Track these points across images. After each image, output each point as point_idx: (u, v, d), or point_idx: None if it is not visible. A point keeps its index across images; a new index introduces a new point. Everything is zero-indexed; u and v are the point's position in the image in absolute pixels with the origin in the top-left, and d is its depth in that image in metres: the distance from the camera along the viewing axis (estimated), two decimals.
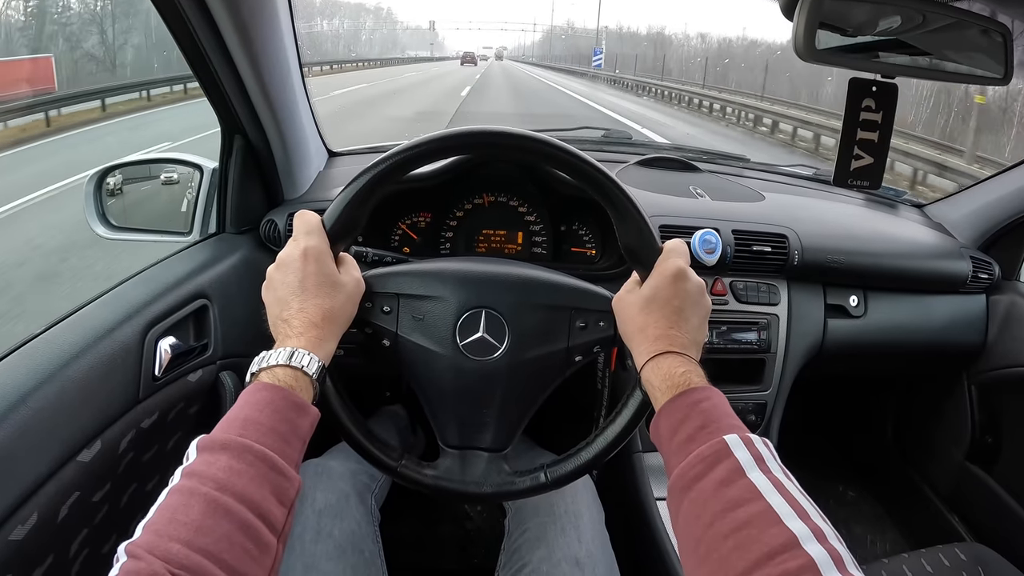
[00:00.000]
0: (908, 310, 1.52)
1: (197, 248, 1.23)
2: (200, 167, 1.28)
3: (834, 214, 1.60)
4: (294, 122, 1.27)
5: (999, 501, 1.60)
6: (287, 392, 0.66)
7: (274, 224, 1.29)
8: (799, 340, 1.42)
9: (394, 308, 0.83)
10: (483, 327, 0.82)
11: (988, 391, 1.65)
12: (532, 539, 1.00)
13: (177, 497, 0.56)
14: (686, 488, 0.61)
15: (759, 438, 0.63)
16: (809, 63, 0.82)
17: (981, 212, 1.62)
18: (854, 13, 0.85)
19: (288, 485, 0.61)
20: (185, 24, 0.99)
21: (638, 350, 0.76)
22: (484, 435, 0.85)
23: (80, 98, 12.73)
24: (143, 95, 14.90)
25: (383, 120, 13.50)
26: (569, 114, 16.31)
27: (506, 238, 1.44)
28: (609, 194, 0.80)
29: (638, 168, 1.66)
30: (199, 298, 1.11)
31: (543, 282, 0.86)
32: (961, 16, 0.83)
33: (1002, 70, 0.87)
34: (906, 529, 1.91)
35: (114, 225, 1.28)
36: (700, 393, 0.69)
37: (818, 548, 0.51)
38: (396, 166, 0.79)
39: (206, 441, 0.61)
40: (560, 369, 0.85)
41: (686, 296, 0.76)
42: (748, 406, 1.40)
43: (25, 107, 11.34)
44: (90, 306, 0.98)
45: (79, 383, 0.85)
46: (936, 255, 1.54)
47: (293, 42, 1.18)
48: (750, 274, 1.40)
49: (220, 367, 1.15)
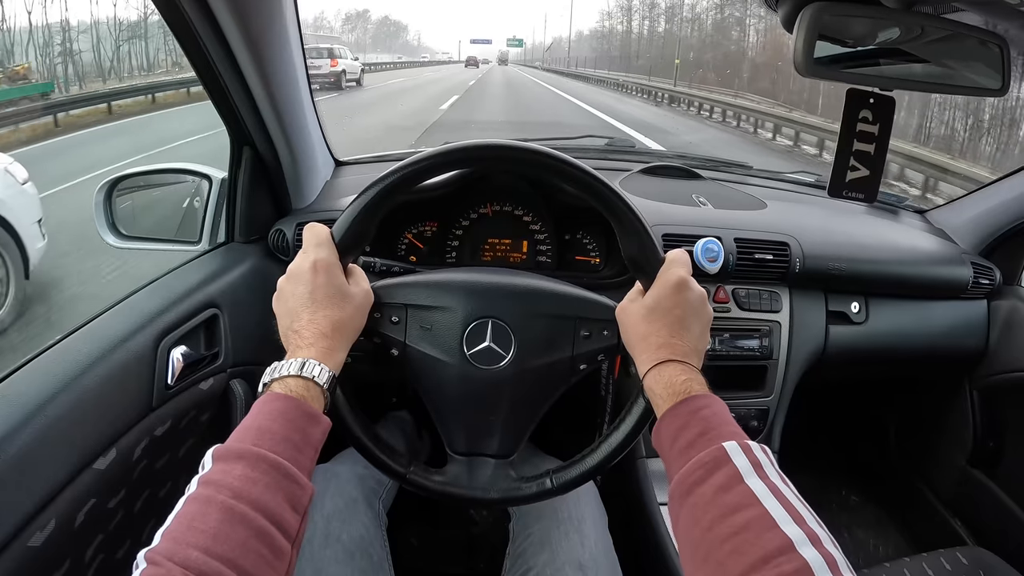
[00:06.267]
0: (909, 316, 1.53)
1: (207, 258, 1.25)
2: (209, 177, 1.29)
3: (835, 221, 1.61)
4: (302, 133, 1.29)
5: (1001, 505, 1.60)
6: (299, 402, 0.68)
7: (282, 234, 1.30)
8: (801, 347, 1.43)
9: (402, 318, 0.85)
10: (489, 336, 0.84)
11: (990, 396, 1.66)
12: (536, 543, 1.01)
13: (195, 505, 0.57)
14: (686, 493, 0.63)
15: (758, 445, 0.64)
16: (808, 78, 0.83)
17: (982, 218, 1.63)
18: (853, 26, 0.86)
19: (301, 493, 0.63)
20: (196, 39, 1.01)
21: (641, 358, 0.77)
22: (491, 442, 0.87)
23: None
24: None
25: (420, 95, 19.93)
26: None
27: (511, 247, 1.45)
28: (612, 206, 0.82)
29: (641, 176, 1.67)
30: (210, 307, 1.12)
31: (548, 292, 0.87)
32: (959, 28, 0.84)
33: (999, 81, 0.88)
34: (909, 533, 1.92)
35: (124, 234, 1.29)
36: (700, 401, 0.70)
37: (813, 552, 0.52)
38: (401, 181, 0.81)
39: (222, 451, 0.62)
40: (565, 377, 0.86)
41: (688, 306, 0.77)
42: (751, 412, 1.41)
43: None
44: (104, 316, 0.99)
45: (94, 392, 0.87)
46: (937, 261, 1.54)
47: (301, 55, 1.20)
48: (752, 282, 1.41)
49: (231, 375, 1.16)
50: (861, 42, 0.89)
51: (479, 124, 13.41)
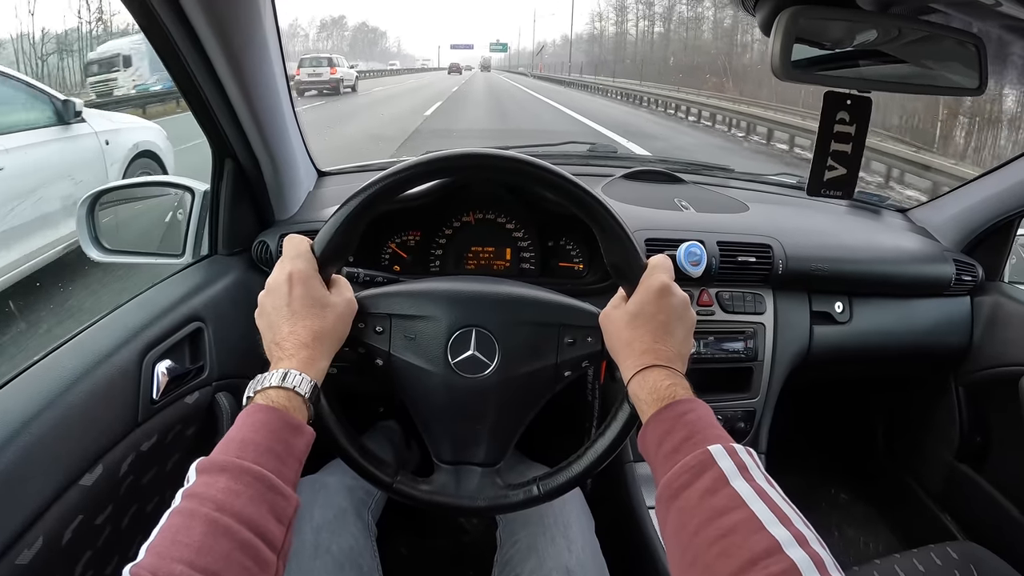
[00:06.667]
0: (893, 314, 1.54)
1: (191, 271, 1.24)
2: (192, 189, 1.29)
3: (817, 222, 1.62)
4: (283, 145, 1.28)
5: (989, 499, 1.62)
6: (282, 413, 0.68)
7: (265, 245, 1.30)
8: (786, 348, 1.44)
9: (386, 328, 0.84)
10: (473, 345, 0.84)
11: (975, 391, 1.67)
12: (523, 550, 1.01)
13: (178, 519, 0.57)
14: (673, 497, 0.63)
15: (743, 447, 0.64)
16: (785, 81, 0.83)
17: (963, 215, 1.64)
18: (831, 29, 0.87)
19: (285, 504, 0.63)
20: (176, 54, 1.01)
21: (625, 364, 0.77)
22: (477, 450, 0.87)
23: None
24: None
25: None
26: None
27: (494, 255, 1.45)
28: (592, 212, 0.82)
29: (624, 182, 1.68)
30: (194, 321, 1.12)
31: (531, 300, 0.87)
32: (935, 30, 0.84)
33: (976, 80, 0.88)
34: (899, 530, 1.93)
35: (107, 248, 1.29)
36: (685, 405, 0.70)
37: (800, 553, 0.52)
38: (381, 192, 0.81)
39: (205, 463, 0.62)
40: (550, 384, 0.86)
41: (671, 311, 0.77)
42: (737, 414, 1.42)
43: None
44: (89, 331, 0.99)
45: (80, 408, 0.86)
46: (919, 260, 1.55)
47: (282, 67, 1.19)
48: (736, 284, 1.41)
49: (216, 388, 1.16)
50: (839, 44, 0.90)
51: (459, 133, 13.42)
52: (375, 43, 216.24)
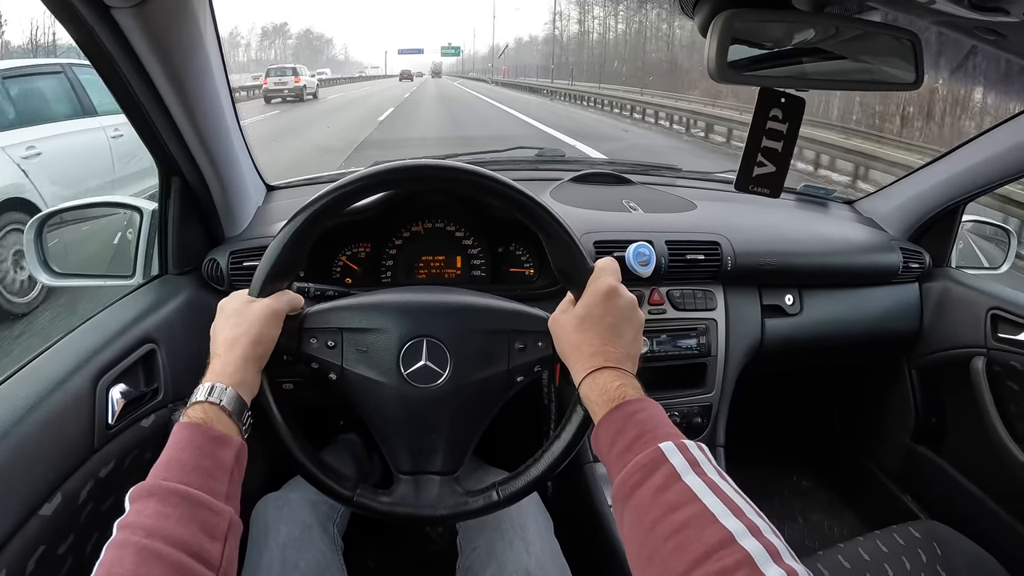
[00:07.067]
0: (843, 304, 1.57)
1: (142, 292, 1.22)
2: (140, 209, 1.27)
3: (765, 217, 1.64)
4: (230, 161, 1.27)
5: (947, 478, 1.66)
6: (204, 427, 0.69)
7: (216, 263, 1.29)
8: (738, 342, 1.46)
9: (338, 343, 0.84)
10: (425, 355, 0.84)
11: (928, 374, 1.72)
12: (483, 556, 1.02)
13: (113, 551, 0.58)
14: (627, 496, 0.64)
15: (694, 443, 0.65)
16: (721, 83, 0.84)
17: (909, 204, 1.68)
18: (768, 30, 0.88)
19: (217, 519, 0.63)
20: (115, 70, 0.99)
21: (575, 367, 0.78)
22: (435, 459, 0.87)
23: None
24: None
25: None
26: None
27: (445, 263, 1.45)
28: (536, 218, 0.83)
29: (572, 185, 1.68)
30: (147, 343, 1.10)
31: (480, 308, 0.88)
32: (871, 28, 0.86)
33: (913, 75, 0.90)
34: (861, 512, 1.97)
35: (57, 272, 1.27)
36: (635, 405, 0.71)
37: (754, 543, 0.53)
38: (325, 208, 0.82)
39: (136, 491, 0.63)
40: (503, 390, 0.87)
41: (619, 312, 0.78)
42: (694, 409, 1.43)
43: None
44: (40, 358, 0.98)
45: (35, 437, 0.85)
46: (867, 249, 1.59)
47: (225, 82, 1.18)
48: (686, 282, 1.43)
49: (172, 410, 1.14)
50: (777, 44, 0.91)
51: (412, 142, 13.24)
52: (320, 51, 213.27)
